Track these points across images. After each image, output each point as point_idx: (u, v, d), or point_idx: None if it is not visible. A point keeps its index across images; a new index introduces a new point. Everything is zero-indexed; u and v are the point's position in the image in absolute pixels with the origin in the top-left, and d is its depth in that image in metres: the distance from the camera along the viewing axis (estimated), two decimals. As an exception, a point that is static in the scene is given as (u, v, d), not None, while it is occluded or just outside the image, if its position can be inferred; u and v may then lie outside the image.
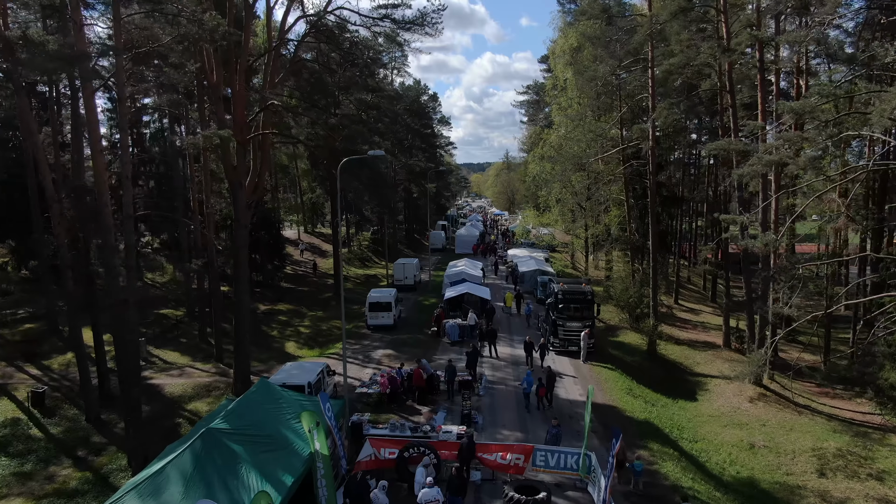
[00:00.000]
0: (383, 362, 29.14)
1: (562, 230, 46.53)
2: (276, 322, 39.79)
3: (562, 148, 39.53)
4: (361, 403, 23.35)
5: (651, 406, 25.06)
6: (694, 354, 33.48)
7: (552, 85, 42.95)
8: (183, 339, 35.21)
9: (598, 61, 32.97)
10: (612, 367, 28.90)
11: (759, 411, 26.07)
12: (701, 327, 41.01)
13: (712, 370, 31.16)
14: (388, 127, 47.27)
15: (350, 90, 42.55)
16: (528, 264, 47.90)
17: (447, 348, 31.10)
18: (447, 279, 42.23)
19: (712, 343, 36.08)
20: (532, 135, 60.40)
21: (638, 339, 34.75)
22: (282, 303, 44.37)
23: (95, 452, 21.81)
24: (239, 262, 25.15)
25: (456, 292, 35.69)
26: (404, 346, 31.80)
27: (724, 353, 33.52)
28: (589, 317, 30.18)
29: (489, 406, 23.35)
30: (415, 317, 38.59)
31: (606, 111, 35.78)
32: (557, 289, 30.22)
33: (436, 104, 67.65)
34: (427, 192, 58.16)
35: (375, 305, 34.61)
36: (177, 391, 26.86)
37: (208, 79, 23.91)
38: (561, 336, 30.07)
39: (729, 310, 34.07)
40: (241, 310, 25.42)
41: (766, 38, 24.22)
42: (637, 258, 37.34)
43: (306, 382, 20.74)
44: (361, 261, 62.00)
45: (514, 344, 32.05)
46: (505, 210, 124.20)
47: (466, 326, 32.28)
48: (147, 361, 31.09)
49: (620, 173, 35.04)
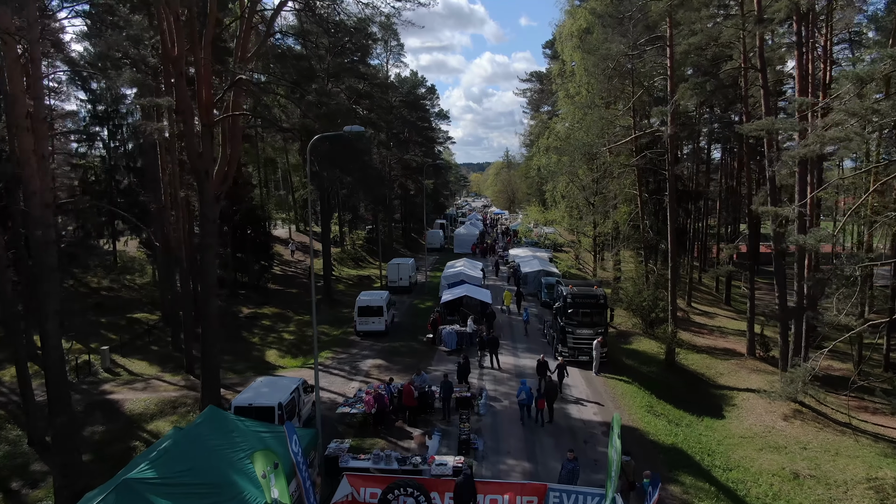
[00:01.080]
0: (372, 374, 26.06)
1: (567, 228, 43.38)
2: (259, 327, 36.70)
3: (569, 138, 36.49)
4: (343, 425, 20.29)
5: (675, 426, 21.98)
6: (716, 364, 30.40)
7: (559, 71, 39.89)
8: (154, 347, 32.14)
9: (609, 42, 29.92)
10: (627, 379, 25.83)
11: (796, 431, 22.99)
12: (718, 332, 37.95)
13: (738, 382, 28.09)
14: (382, 117, 44.18)
15: (340, 77, 39.50)
16: (531, 264, 44.85)
17: (443, 357, 28.05)
18: (444, 281, 39.20)
19: (733, 350, 33.04)
20: (537, 125, 57.21)
21: (653, 347, 31.69)
22: (267, 306, 41.27)
23: (32, 484, 18.72)
24: (206, 263, 22.02)
25: (453, 295, 32.64)
26: (396, 355, 28.73)
27: (748, 363, 30.45)
28: (601, 323, 27.12)
29: (491, 427, 20.30)
30: (409, 322, 35.53)
31: (618, 97, 32.71)
32: (566, 292, 27.16)
33: (433, 97, 64.65)
34: (424, 188, 55.10)
35: (365, 310, 31.53)
36: (138, 408, 23.75)
37: (168, 52, 20.83)
38: (570, 344, 27.01)
39: (753, 315, 30.99)
40: (209, 316, 22.29)
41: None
42: (651, 258, 34.26)
43: (277, 403, 17.66)
44: (355, 261, 58.94)
45: (517, 352, 28.99)
46: (505, 209, 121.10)
47: (465, 333, 29.22)
48: (111, 373, 28.03)
49: (633, 165, 31.99)
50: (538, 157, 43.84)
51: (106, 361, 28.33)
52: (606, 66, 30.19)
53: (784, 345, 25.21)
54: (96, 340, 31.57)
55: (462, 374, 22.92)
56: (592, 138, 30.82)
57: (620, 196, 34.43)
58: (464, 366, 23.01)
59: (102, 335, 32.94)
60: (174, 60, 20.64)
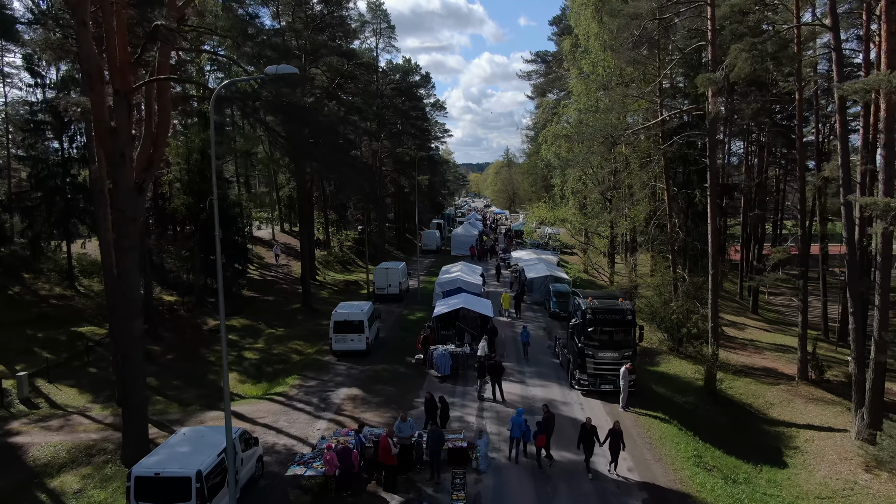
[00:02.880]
0: (345, 409, 20.96)
1: (578, 228, 38.27)
2: (224, 343, 31.46)
3: (582, 123, 31.49)
4: (297, 490, 15.22)
5: (732, 484, 16.89)
6: (762, 390, 25.33)
7: (570, 46, 34.87)
8: (93, 369, 27.03)
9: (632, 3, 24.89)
10: (663, 416, 20.74)
11: (884, 487, 17.93)
12: (752, 347, 32.91)
13: (795, 415, 23.03)
14: (369, 102, 39.06)
15: (319, 54, 34.45)
16: (536, 269, 39.77)
17: (435, 385, 22.99)
18: (439, 288, 34.18)
19: (775, 371, 28.03)
20: (543, 111, 51.94)
21: (686, 369, 26.66)
22: (238, 316, 36.16)
23: None
24: (123, 274, 16.97)
25: (449, 307, 27.57)
26: (377, 381, 23.65)
27: (801, 389, 25.39)
28: (628, 344, 22.07)
29: (494, 491, 15.24)
30: (397, 337, 30.45)
31: (641, 74, 27.61)
32: (585, 306, 22.10)
33: (429, 86, 59.56)
34: (418, 184, 50.05)
35: (343, 325, 26.39)
36: (44, 456, 18.63)
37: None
38: (590, 371, 21.95)
39: (806, 330, 25.97)
40: (129, 342, 17.24)
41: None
42: (680, 262, 29.20)
43: (195, 472, 12.58)
44: (343, 264, 53.82)
45: (524, 378, 23.94)
46: (505, 209, 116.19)
47: (461, 355, 24.17)
48: (28, 404, 22.96)
49: (661, 153, 26.97)
50: (545, 148, 38.69)
51: (23, 390, 23.23)
52: (631, 34, 25.17)
53: (860, 372, 20.12)
54: (27, 360, 26.52)
55: (429, 414, 18.01)
56: (611, 122, 25.73)
57: (645, 190, 29.33)
58: (429, 404, 18.06)
59: (36, 354, 27.86)
60: (74, 4, 15.58)
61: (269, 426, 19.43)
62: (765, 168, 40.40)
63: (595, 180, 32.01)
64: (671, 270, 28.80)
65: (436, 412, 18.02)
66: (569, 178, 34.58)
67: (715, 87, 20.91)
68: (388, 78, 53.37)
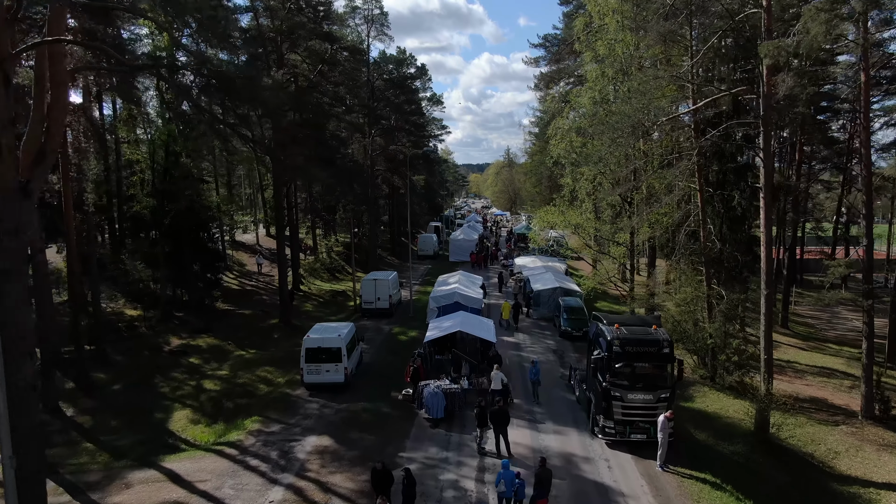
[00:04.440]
0: (309, 468, 16.61)
1: (590, 235, 33.89)
2: (184, 367, 27.23)
3: (596, 115, 27.24)
4: None
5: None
6: (822, 434, 20.93)
7: (583, 26, 30.58)
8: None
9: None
10: (711, 477, 16.40)
11: None
12: (791, 371, 28.54)
13: (867, 469, 18.66)
14: (355, 92, 34.71)
15: (297, 35, 30.12)
16: (543, 279, 35.46)
17: (424, 433, 18.68)
18: (433, 303, 29.91)
19: (827, 402, 23.70)
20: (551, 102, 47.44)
21: (728, 405, 22.30)
22: (206, 334, 31.88)
23: None
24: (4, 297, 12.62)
25: (441, 331, 23.17)
26: (354, 427, 19.28)
27: (867, 431, 21.00)
28: (665, 383, 17.76)
29: None
30: (384, 363, 26.11)
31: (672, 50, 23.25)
32: (611, 335, 17.79)
33: (424, 78, 55.15)
34: (412, 185, 45.79)
35: (316, 353, 22.01)
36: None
37: None
38: (618, 416, 17.61)
39: (872, 358, 21.60)
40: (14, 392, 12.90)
41: None
42: (715, 277, 24.86)
43: None
44: (331, 272, 49.44)
45: (535, 423, 19.60)
46: (506, 210, 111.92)
47: (457, 394, 19.82)
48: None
49: (694, 148, 22.66)
50: (554, 143, 34.34)
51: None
52: (661, 4, 20.91)
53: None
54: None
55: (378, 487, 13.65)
56: (641, 107, 21.42)
57: (674, 192, 25.00)
58: (380, 475, 13.70)
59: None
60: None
61: (209, 496, 15.10)
62: (798, 165, 36.12)
63: (612, 180, 27.69)
64: (705, 285, 24.49)
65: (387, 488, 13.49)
66: (582, 177, 30.25)
67: (778, 61, 16.65)
68: (379, 69, 49.06)
